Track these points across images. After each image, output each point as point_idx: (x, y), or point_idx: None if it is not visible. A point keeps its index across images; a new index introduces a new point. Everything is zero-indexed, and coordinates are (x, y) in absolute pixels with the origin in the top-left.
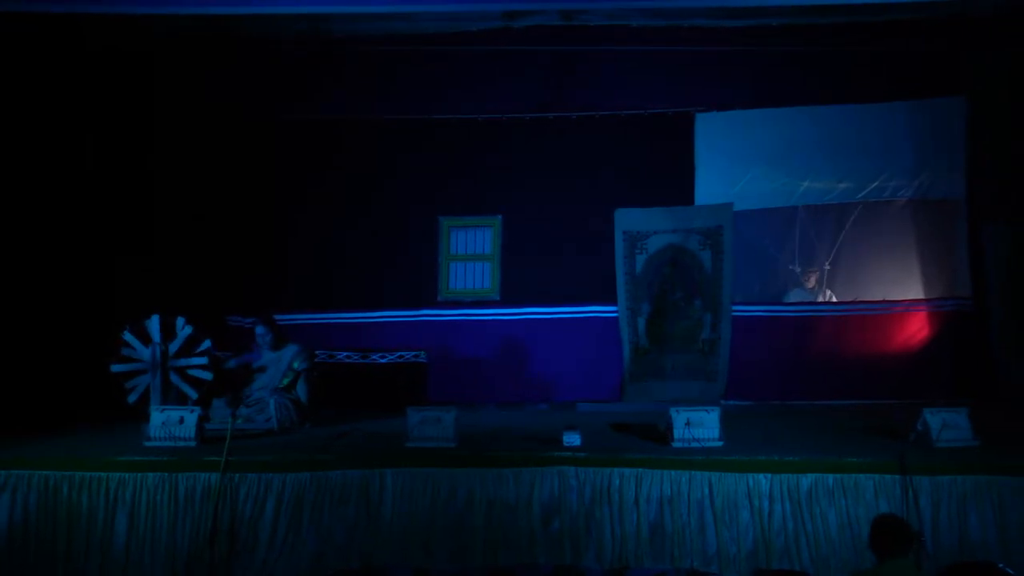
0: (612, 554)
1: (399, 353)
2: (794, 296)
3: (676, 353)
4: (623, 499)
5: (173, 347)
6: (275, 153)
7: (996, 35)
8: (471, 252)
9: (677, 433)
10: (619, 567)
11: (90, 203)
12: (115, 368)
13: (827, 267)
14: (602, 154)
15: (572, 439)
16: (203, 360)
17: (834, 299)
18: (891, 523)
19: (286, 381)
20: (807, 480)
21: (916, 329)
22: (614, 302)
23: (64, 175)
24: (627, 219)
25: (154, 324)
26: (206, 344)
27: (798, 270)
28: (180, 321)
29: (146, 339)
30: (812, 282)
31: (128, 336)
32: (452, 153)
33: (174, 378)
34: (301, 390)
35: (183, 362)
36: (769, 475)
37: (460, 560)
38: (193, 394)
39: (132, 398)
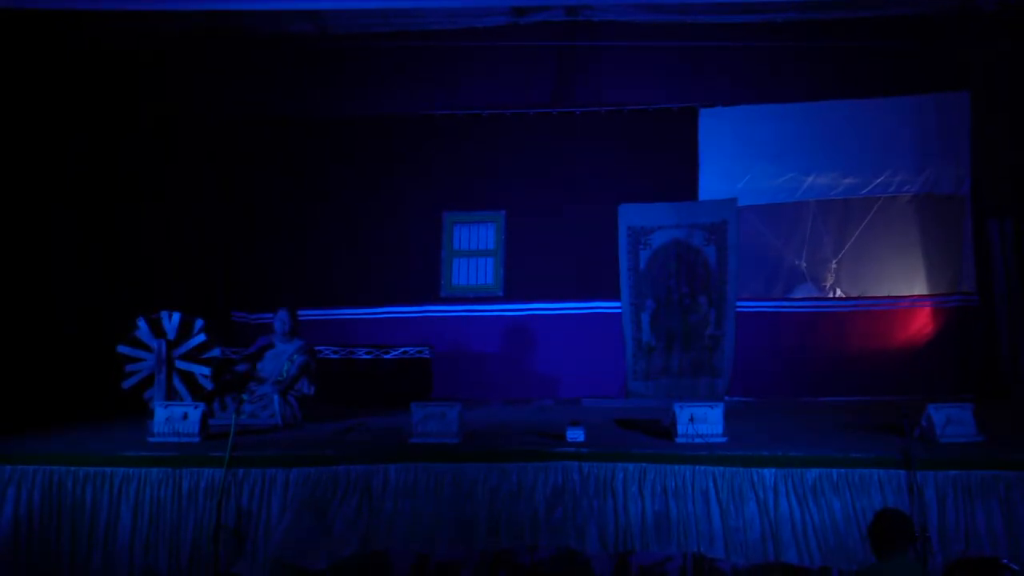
0: (616, 538)
1: (403, 349)
2: (802, 291)
3: (681, 350)
4: (627, 491)
5: (182, 349)
6: (277, 151)
7: (1001, 30)
8: (474, 248)
9: (681, 429)
10: (624, 551)
11: (96, 201)
12: (122, 349)
13: (834, 264)
14: (606, 149)
15: (576, 435)
16: (206, 370)
17: (841, 295)
18: (890, 520)
19: (285, 372)
20: (812, 474)
21: (921, 325)
22: (618, 298)
23: (73, 172)
24: (631, 214)
25: (174, 320)
26: (215, 352)
27: (804, 265)
28: (199, 323)
29: (158, 330)
30: (828, 278)
31: (141, 322)
32: (456, 149)
33: (176, 380)
34: (301, 383)
35: (188, 366)
36: (773, 469)
37: (462, 545)
38: (190, 398)
39: (128, 383)
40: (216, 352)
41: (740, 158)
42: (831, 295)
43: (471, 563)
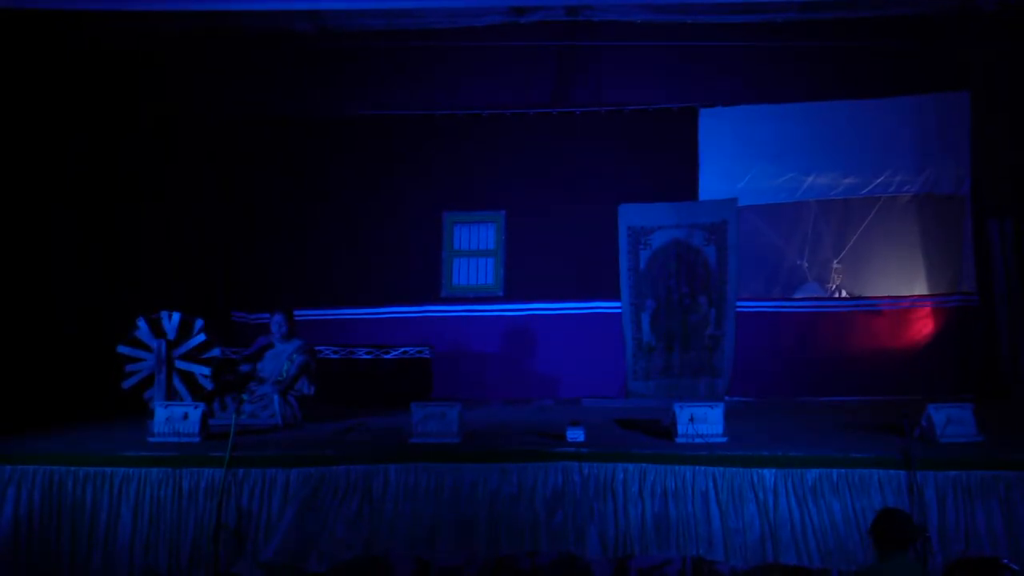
0: (616, 542)
1: (403, 349)
2: (805, 291)
3: (681, 350)
4: (627, 492)
5: (182, 349)
6: (277, 151)
7: (1001, 30)
8: (474, 248)
9: (681, 429)
10: (624, 556)
11: (96, 201)
12: (122, 349)
13: (836, 264)
14: (606, 149)
15: (576, 435)
16: (206, 370)
17: (845, 295)
18: (894, 520)
19: (285, 372)
20: (811, 475)
21: (921, 325)
22: (618, 298)
23: (73, 172)
24: (631, 214)
25: (174, 320)
26: (215, 352)
27: (805, 265)
28: (199, 323)
29: (158, 330)
30: (835, 279)
31: (141, 322)
32: (456, 149)
33: (176, 380)
34: (301, 383)
35: (188, 366)
36: (773, 470)
37: (463, 550)
38: (189, 398)
39: (128, 383)
40: (216, 352)
41: (740, 158)
42: (837, 296)
43: (472, 569)
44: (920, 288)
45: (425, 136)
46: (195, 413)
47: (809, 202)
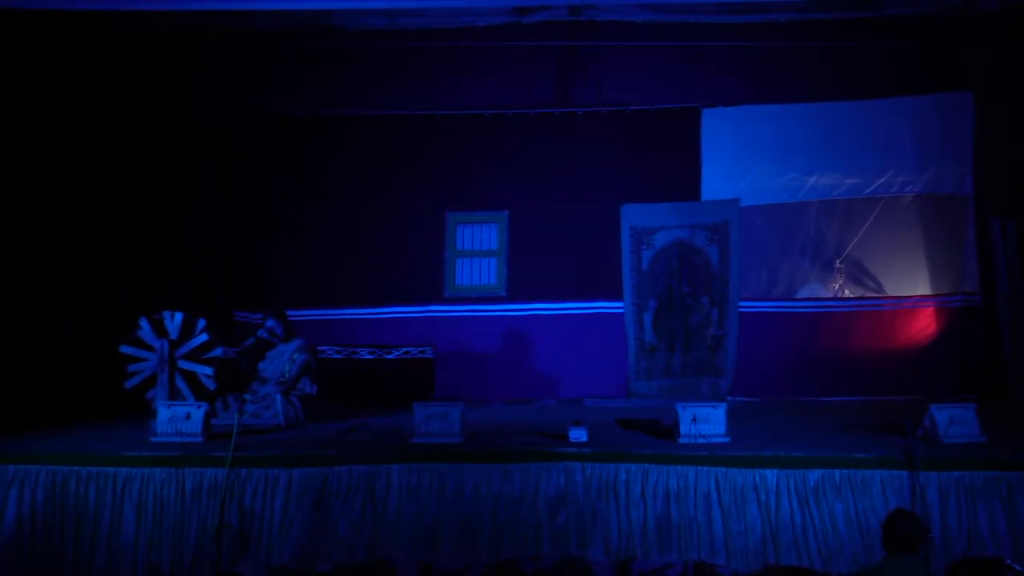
0: (618, 545)
1: (406, 349)
2: (807, 291)
3: (683, 350)
4: (629, 493)
5: (184, 349)
6: (277, 151)
7: (1002, 30)
8: (477, 248)
9: (683, 429)
10: (626, 558)
11: (96, 201)
12: (124, 349)
13: (838, 264)
14: (608, 149)
15: (578, 435)
16: (209, 370)
17: (848, 295)
18: (899, 520)
19: (287, 372)
20: (814, 475)
21: (924, 325)
22: (620, 298)
23: (73, 172)
24: (633, 214)
25: (176, 320)
26: (217, 352)
27: (807, 265)
28: (202, 323)
29: (160, 330)
30: (838, 279)
31: (144, 322)
32: (457, 149)
33: (179, 380)
34: (303, 383)
35: (191, 366)
36: (776, 470)
37: (466, 554)
38: (192, 398)
39: (131, 383)
40: (218, 352)
41: (742, 158)
42: (839, 296)
43: (474, 573)
44: (922, 288)
45: (426, 136)
46: (198, 413)
47: (811, 202)
